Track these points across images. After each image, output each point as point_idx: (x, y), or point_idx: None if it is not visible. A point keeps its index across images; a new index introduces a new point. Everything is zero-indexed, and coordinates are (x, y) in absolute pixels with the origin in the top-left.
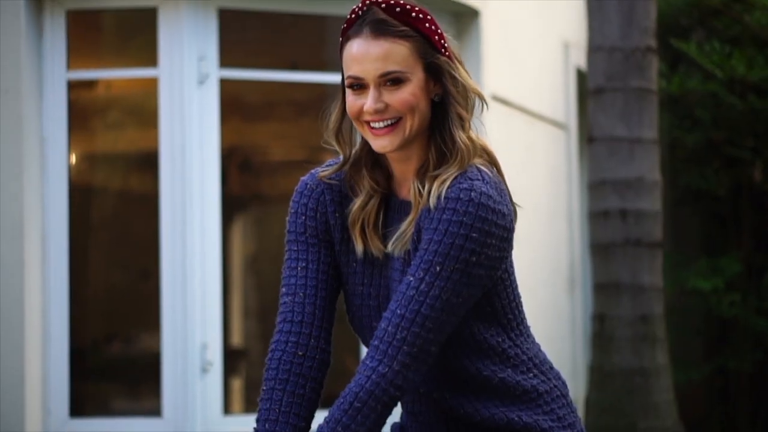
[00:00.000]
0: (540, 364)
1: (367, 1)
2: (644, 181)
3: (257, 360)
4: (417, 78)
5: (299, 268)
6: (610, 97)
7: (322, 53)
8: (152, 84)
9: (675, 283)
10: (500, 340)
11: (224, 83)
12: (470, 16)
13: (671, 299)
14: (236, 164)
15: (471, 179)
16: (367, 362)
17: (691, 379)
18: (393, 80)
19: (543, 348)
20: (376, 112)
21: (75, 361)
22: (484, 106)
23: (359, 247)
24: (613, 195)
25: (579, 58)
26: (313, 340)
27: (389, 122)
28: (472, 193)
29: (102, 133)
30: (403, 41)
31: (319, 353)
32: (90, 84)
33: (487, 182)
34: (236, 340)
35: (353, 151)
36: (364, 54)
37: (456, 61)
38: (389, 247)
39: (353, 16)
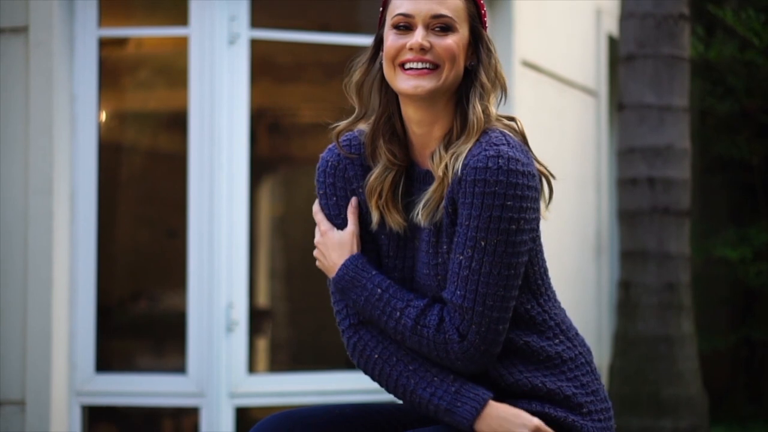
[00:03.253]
0: (566, 330)
1: None
2: (673, 149)
3: (282, 320)
4: (462, 34)
5: None
6: (641, 64)
7: (354, 15)
8: (183, 43)
9: (702, 251)
10: (529, 307)
11: (255, 44)
12: None
13: (698, 268)
14: (265, 126)
15: (496, 144)
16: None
17: (716, 348)
18: (442, 26)
19: (568, 315)
20: (422, 49)
21: (101, 318)
22: (503, 97)
23: (375, 218)
24: (642, 162)
25: (611, 25)
26: None
27: (428, 66)
28: (500, 160)
29: (132, 91)
30: None
31: None
32: (121, 42)
33: (512, 146)
34: (262, 300)
35: (371, 112)
36: None
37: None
38: (415, 217)
39: None
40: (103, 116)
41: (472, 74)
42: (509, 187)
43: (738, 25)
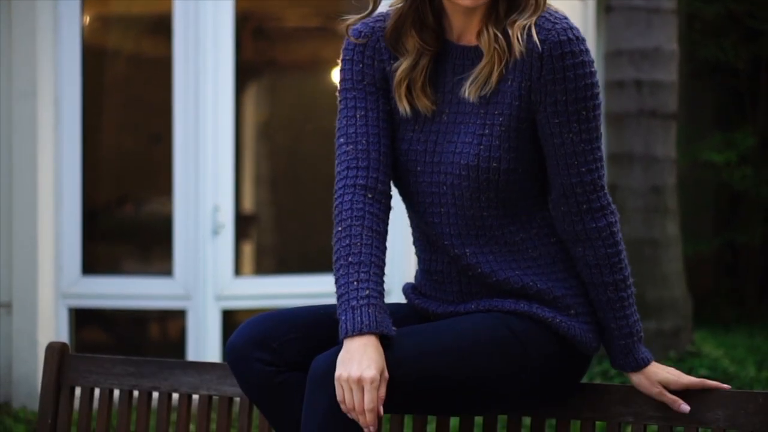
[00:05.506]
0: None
1: None
2: (661, 52)
3: (268, 225)
4: None
5: (358, 117)
6: None
7: None
8: None
9: (688, 156)
10: (531, 202)
11: None
12: None
13: (684, 172)
14: (250, 30)
15: (561, 19)
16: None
17: (700, 252)
18: None
19: None
20: None
21: (87, 222)
22: None
23: (405, 106)
24: (629, 65)
25: None
26: (380, 185)
27: None
28: (574, 31)
29: None
30: None
31: (385, 198)
32: None
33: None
34: (247, 205)
35: (394, 5)
36: None
37: None
38: (463, 93)
39: None
40: (87, 20)
41: None
42: (584, 54)
43: None
